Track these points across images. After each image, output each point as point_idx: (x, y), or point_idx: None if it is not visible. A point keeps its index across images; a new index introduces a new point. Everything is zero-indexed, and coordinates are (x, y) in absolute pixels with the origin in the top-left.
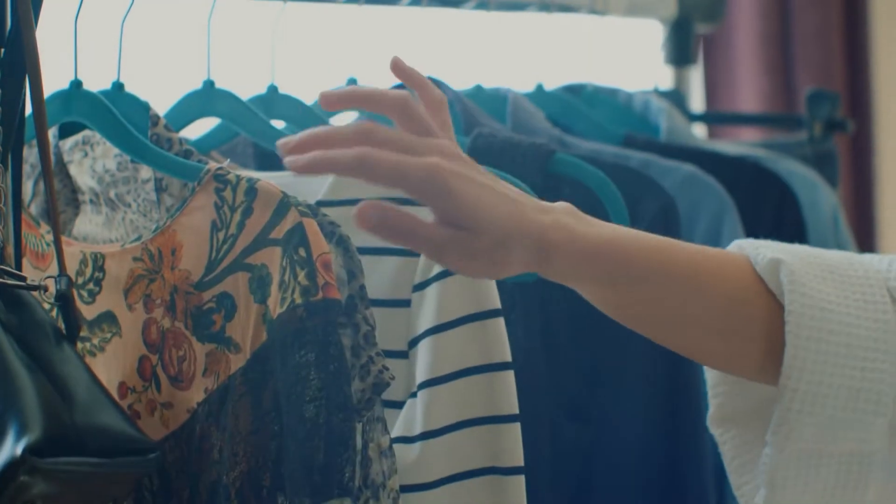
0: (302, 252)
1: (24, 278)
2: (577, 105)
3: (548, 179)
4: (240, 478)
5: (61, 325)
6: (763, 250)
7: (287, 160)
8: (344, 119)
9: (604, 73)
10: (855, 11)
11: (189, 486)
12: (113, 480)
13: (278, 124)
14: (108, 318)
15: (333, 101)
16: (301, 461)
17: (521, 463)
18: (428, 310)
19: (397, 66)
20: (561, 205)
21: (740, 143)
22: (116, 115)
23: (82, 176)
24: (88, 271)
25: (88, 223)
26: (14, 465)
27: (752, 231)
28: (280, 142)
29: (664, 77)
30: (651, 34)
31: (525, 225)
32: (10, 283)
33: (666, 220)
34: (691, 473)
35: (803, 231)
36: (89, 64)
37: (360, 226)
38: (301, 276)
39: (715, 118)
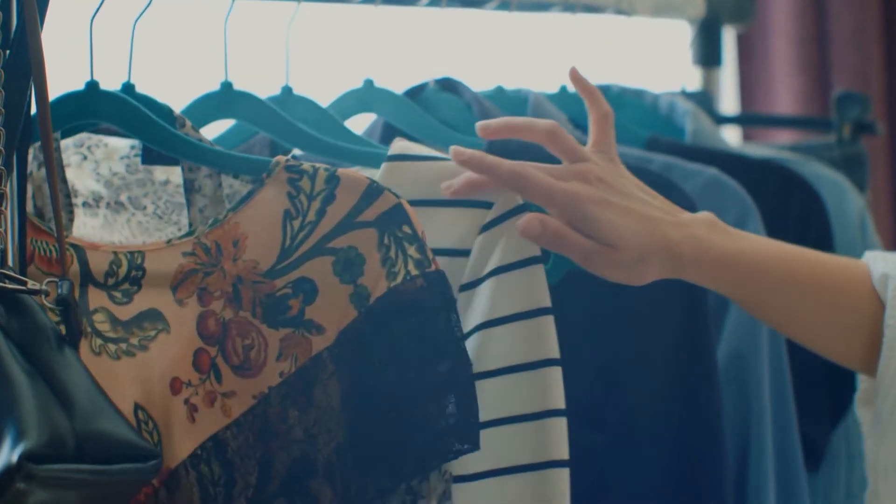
0: (407, 229)
1: (24, 282)
2: None
3: None
4: (333, 453)
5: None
6: (879, 264)
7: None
8: (353, 123)
9: (631, 74)
10: (893, 13)
11: (258, 470)
12: (112, 488)
13: None
14: (152, 316)
15: (491, 131)
16: (427, 424)
17: (567, 456)
18: (478, 306)
19: (574, 77)
20: (702, 216)
21: (768, 145)
22: (149, 114)
23: (83, 179)
24: (122, 271)
25: (83, 227)
26: (10, 472)
27: (777, 235)
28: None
29: (692, 78)
30: (679, 35)
31: (657, 241)
32: (11, 288)
33: None
34: (710, 478)
35: (829, 235)
36: (90, 65)
37: (525, 235)
38: (412, 250)
39: (741, 120)
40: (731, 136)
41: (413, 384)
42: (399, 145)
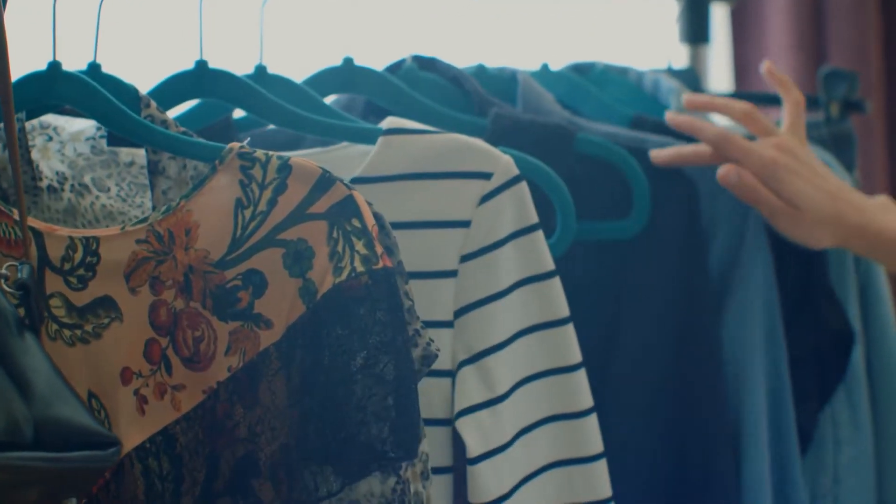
0: (356, 222)
1: None
2: (585, 85)
3: (569, 159)
4: (278, 452)
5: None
6: None
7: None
8: (329, 100)
9: (617, 51)
10: None
11: (206, 467)
12: (72, 475)
13: None
14: (105, 303)
15: (698, 105)
16: (364, 427)
17: (591, 404)
18: (481, 278)
19: (769, 71)
20: (878, 198)
21: None
22: (109, 97)
23: (48, 160)
24: (78, 256)
25: (46, 210)
26: None
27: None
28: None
29: (680, 55)
30: (666, 11)
31: (833, 211)
32: None
33: (689, 204)
34: (712, 444)
35: None
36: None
37: (723, 181)
38: (359, 245)
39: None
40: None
41: (354, 386)
42: (392, 119)
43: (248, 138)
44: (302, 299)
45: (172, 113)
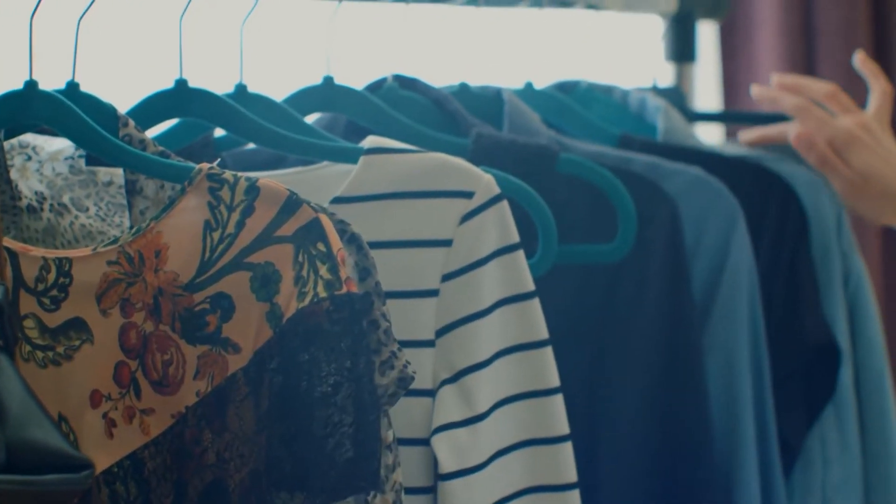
0: (321, 247)
1: None
2: (570, 104)
3: (552, 180)
4: (247, 478)
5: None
6: None
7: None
8: (312, 118)
9: (602, 69)
10: (882, 4)
11: (174, 492)
12: (44, 498)
13: None
14: (77, 325)
15: (786, 86)
16: (327, 455)
17: (567, 431)
18: (463, 297)
19: (862, 61)
20: None
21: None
22: (83, 116)
23: (26, 180)
24: (51, 277)
25: (26, 230)
26: None
27: (754, 234)
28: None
29: (666, 74)
30: (652, 29)
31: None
32: None
33: (672, 224)
34: (697, 473)
35: (807, 234)
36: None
37: (798, 145)
38: (323, 270)
39: (714, 117)
40: (713, 134)
41: (318, 412)
42: (374, 139)
43: (220, 158)
44: (269, 323)
45: (155, 131)
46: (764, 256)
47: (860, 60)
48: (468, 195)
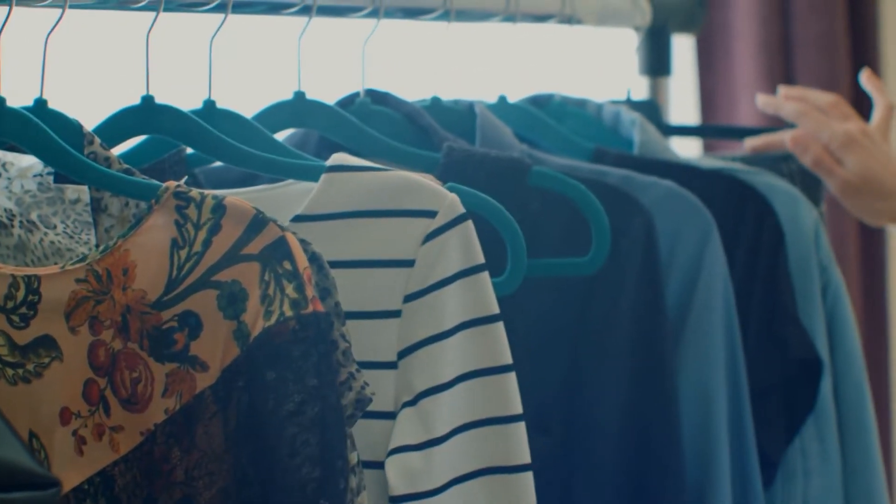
0: (287, 265)
1: None
2: (543, 118)
3: (524, 194)
4: (217, 496)
5: None
6: None
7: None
8: (286, 134)
9: (576, 83)
10: (860, 17)
11: None
12: None
13: None
14: (46, 343)
15: (791, 96)
16: (293, 475)
17: (528, 460)
18: (425, 318)
19: (868, 77)
20: None
21: (720, 156)
22: (49, 133)
23: None
24: (20, 295)
25: None
26: None
27: (730, 246)
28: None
29: (640, 88)
30: (628, 44)
31: (894, 190)
32: None
33: (647, 237)
34: (668, 484)
35: (782, 246)
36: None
37: (794, 148)
38: (289, 289)
39: (689, 131)
40: (692, 148)
41: (285, 431)
42: (338, 156)
43: (187, 176)
44: (236, 342)
45: (125, 146)
46: (739, 269)
47: (866, 77)
48: (431, 214)
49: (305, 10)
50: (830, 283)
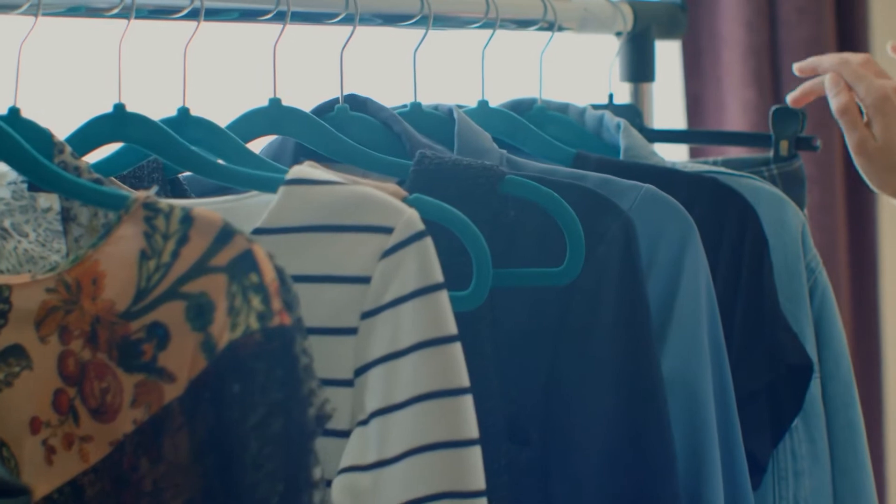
0: (254, 277)
1: None
2: (524, 123)
3: (497, 202)
4: None
5: None
6: None
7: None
8: (258, 146)
9: (559, 89)
10: (847, 22)
11: None
12: None
13: None
14: (16, 352)
15: (813, 68)
16: (258, 489)
17: (483, 486)
18: (380, 336)
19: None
20: None
21: (704, 161)
22: (20, 141)
23: None
24: None
25: None
26: None
27: (712, 249)
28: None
29: (623, 94)
30: (609, 49)
31: None
32: None
33: (626, 240)
34: (658, 493)
35: (765, 248)
36: None
37: (829, 90)
38: (255, 301)
39: (671, 136)
40: (680, 153)
41: (250, 444)
42: (297, 169)
43: (156, 187)
44: (203, 354)
45: (103, 154)
46: (723, 272)
47: (892, 46)
48: (387, 231)
49: (280, 17)
50: (818, 284)
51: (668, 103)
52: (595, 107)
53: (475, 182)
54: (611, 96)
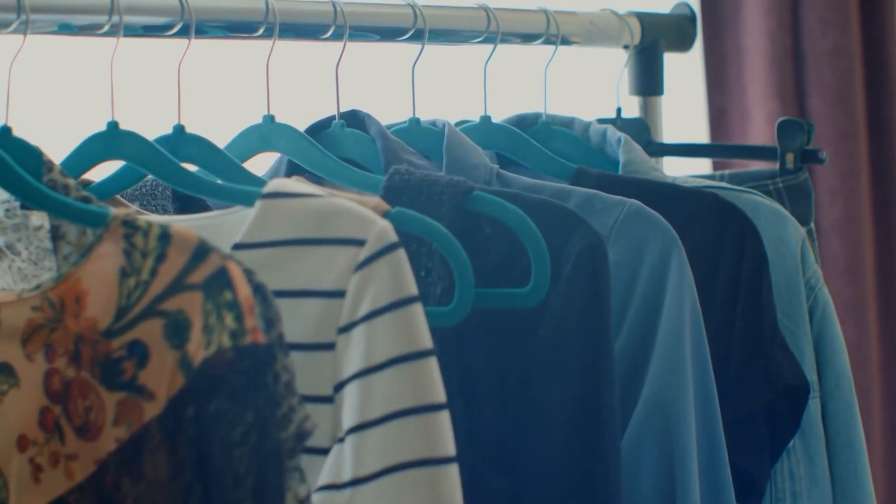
0: (228, 295)
1: None
2: (525, 138)
3: (468, 217)
4: None
5: None
6: None
7: None
8: (253, 164)
9: (567, 103)
10: (872, 31)
11: None
12: None
13: (188, 167)
14: (4, 370)
15: None
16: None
17: None
18: (355, 352)
19: None
20: None
21: (706, 175)
22: (7, 159)
23: None
24: None
25: None
26: None
27: (711, 264)
28: None
29: (632, 107)
30: (618, 61)
31: None
32: None
33: (592, 261)
34: None
35: (764, 263)
36: None
37: None
38: (228, 319)
39: (678, 150)
40: (703, 167)
41: (222, 464)
42: (274, 183)
43: (136, 203)
44: (181, 372)
45: (106, 172)
46: (721, 289)
47: None
48: (359, 243)
49: (269, 32)
50: (818, 301)
51: (690, 116)
52: (602, 121)
53: (442, 197)
54: (619, 110)
